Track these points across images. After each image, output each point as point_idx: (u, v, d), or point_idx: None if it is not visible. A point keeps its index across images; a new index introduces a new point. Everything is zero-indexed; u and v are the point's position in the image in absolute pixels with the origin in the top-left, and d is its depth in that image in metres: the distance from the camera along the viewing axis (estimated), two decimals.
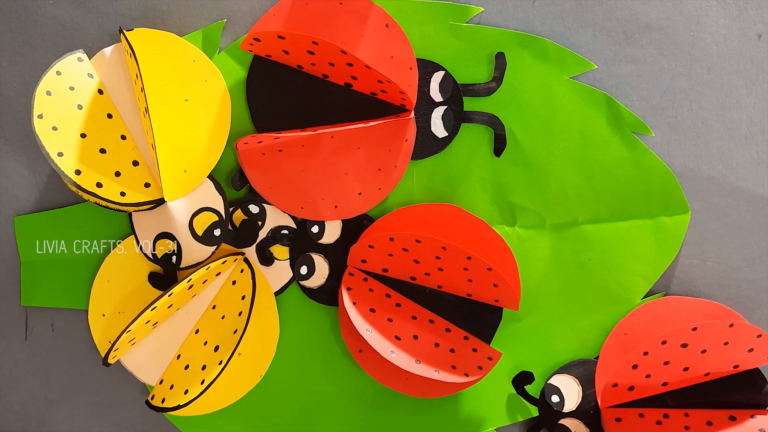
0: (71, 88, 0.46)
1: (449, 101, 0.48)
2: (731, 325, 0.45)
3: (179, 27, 0.48)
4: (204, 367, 0.46)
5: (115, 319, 0.48)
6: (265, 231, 0.49)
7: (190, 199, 0.47)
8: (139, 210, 0.46)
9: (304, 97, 0.48)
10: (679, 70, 0.49)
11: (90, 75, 0.46)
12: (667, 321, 0.48)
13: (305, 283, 0.49)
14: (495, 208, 0.49)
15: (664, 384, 0.47)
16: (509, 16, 0.48)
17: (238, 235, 0.48)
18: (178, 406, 0.45)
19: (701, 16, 0.48)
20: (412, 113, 0.47)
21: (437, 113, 0.48)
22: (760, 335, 0.46)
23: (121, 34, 0.45)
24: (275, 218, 0.49)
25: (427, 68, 0.48)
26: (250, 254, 0.49)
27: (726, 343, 0.46)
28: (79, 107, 0.46)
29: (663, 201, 0.49)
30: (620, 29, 0.48)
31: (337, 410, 0.50)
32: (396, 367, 0.46)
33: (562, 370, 0.50)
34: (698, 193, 0.49)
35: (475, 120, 0.48)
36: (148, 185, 0.46)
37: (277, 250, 0.49)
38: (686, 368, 0.47)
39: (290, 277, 0.49)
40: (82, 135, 0.45)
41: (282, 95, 0.48)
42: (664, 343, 0.45)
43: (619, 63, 0.49)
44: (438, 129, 0.48)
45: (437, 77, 0.48)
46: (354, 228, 0.49)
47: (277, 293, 0.49)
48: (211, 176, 0.47)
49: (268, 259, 0.49)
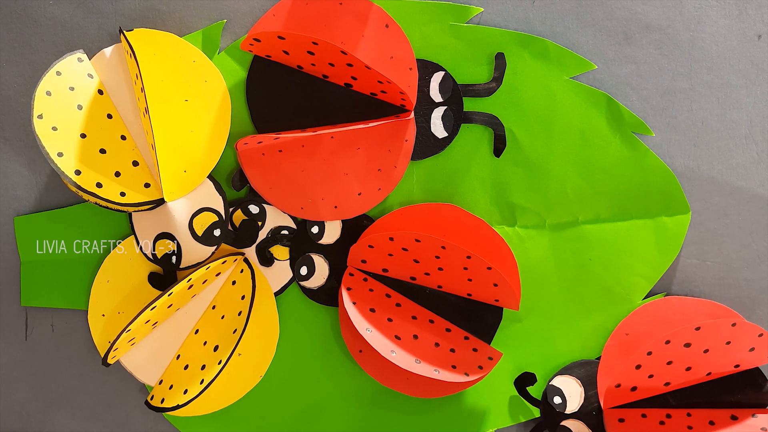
0: (71, 89, 0.46)
1: (449, 101, 0.48)
2: (734, 325, 0.45)
3: (179, 27, 0.48)
4: (203, 367, 0.46)
5: (114, 319, 0.48)
6: (265, 231, 0.49)
7: (190, 200, 0.47)
8: (138, 210, 0.46)
9: (304, 97, 0.48)
10: (679, 70, 0.49)
11: (90, 75, 0.46)
12: (668, 321, 0.48)
13: (305, 283, 0.49)
14: (495, 208, 0.49)
15: (666, 384, 0.47)
16: (509, 17, 0.48)
17: (238, 236, 0.48)
18: (177, 406, 0.45)
19: (701, 16, 0.48)
20: (412, 114, 0.47)
21: (437, 113, 0.48)
22: (761, 334, 0.46)
23: (121, 34, 0.45)
24: (275, 218, 0.49)
25: (427, 68, 0.48)
26: (250, 255, 0.49)
27: (728, 343, 0.46)
28: (79, 107, 0.45)
29: (663, 201, 0.49)
30: (620, 29, 0.48)
31: (337, 411, 0.50)
32: (396, 367, 0.46)
33: (564, 371, 0.49)
34: (698, 193, 0.49)
35: (475, 120, 0.48)
36: (148, 185, 0.46)
37: (277, 250, 0.49)
38: (688, 368, 0.47)
39: (290, 277, 0.49)
40: (82, 135, 0.45)
41: (282, 95, 0.48)
42: (668, 342, 0.45)
43: (619, 63, 0.49)
44: (438, 129, 0.48)
45: (437, 77, 0.48)
46: (354, 228, 0.49)
47: (277, 293, 0.49)
48: (211, 176, 0.47)
49: (268, 260, 0.49)
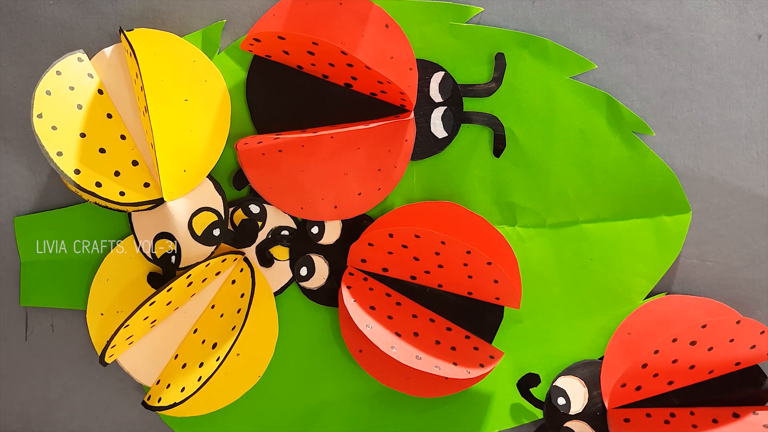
0: (71, 88, 0.46)
1: (449, 102, 0.48)
2: (738, 322, 0.45)
3: (179, 27, 0.48)
4: (201, 365, 0.46)
5: (113, 319, 0.48)
6: (265, 231, 0.49)
7: (190, 199, 0.46)
8: (138, 210, 0.46)
9: (304, 97, 0.48)
10: (679, 70, 0.49)
11: (90, 75, 0.46)
12: (669, 320, 0.48)
13: (305, 284, 0.49)
14: (495, 208, 0.49)
15: (670, 383, 0.47)
16: (509, 17, 0.48)
17: (238, 235, 0.48)
18: (175, 404, 0.45)
19: (701, 16, 0.48)
20: (412, 114, 0.47)
21: (437, 114, 0.48)
22: (763, 332, 0.46)
23: (121, 33, 0.45)
24: (275, 218, 0.49)
25: (426, 69, 0.48)
26: (250, 256, 0.49)
27: (731, 340, 0.46)
28: (78, 107, 0.45)
29: (664, 200, 0.49)
30: (620, 29, 0.48)
31: (337, 412, 0.50)
32: (397, 366, 0.46)
33: (568, 371, 0.49)
34: (698, 193, 0.49)
35: (475, 121, 0.48)
36: (147, 185, 0.45)
37: (277, 250, 0.49)
38: (692, 366, 0.47)
39: (290, 277, 0.49)
40: (82, 135, 0.45)
41: (282, 95, 0.48)
42: (675, 341, 0.45)
43: (619, 63, 0.49)
44: (438, 129, 0.48)
45: (437, 78, 0.48)
46: (354, 228, 0.49)
47: (277, 293, 0.49)
48: (211, 176, 0.47)
49: (268, 261, 0.49)
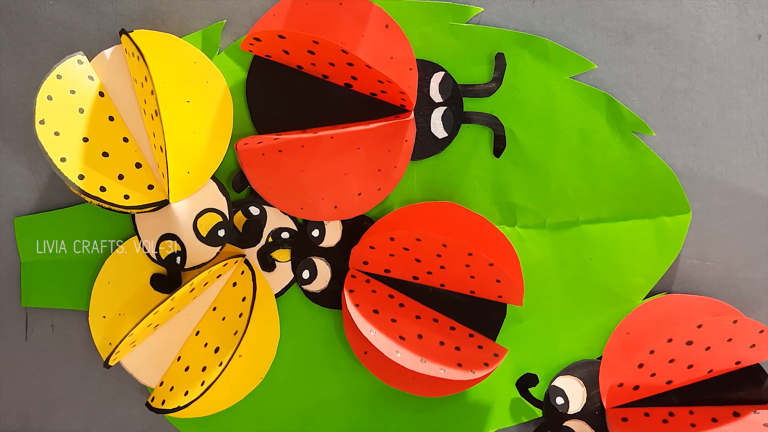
0: (72, 92, 0.45)
1: (449, 102, 0.48)
2: (735, 322, 0.45)
3: (179, 28, 0.48)
4: (204, 369, 0.46)
5: (115, 322, 0.48)
6: (266, 232, 0.49)
7: (194, 201, 0.46)
8: (142, 212, 0.46)
9: (304, 97, 0.48)
10: (679, 70, 0.49)
11: (90, 77, 0.46)
12: (668, 319, 0.48)
13: (308, 287, 0.49)
14: (495, 208, 0.49)
15: (669, 382, 0.47)
16: (509, 17, 0.48)
17: (242, 235, 0.48)
18: (178, 408, 0.45)
19: (701, 16, 0.48)
20: (412, 114, 0.47)
21: (437, 114, 0.48)
22: (762, 331, 0.46)
23: (126, 36, 0.45)
24: (276, 220, 0.49)
25: (426, 69, 0.48)
26: (251, 260, 0.49)
27: (729, 340, 0.46)
28: (80, 111, 0.45)
29: (664, 201, 0.49)
30: (620, 29, 0.48)
31: (338, 412, 0.50)
32: (402, 368, 0.46)
33: (566, 371, 0.50)
34: (698, 193, 0.49)
35: (475, 121, 0.48)
36: (151, 187, 0.45)
37: (278, 251, 0.49)
38: (690, 366, 0.47)
39: (291, 279, 0.49)
40: (85, 139, 0.45)
41: (282, 96, 0.48)
42: (670, 341, 0.45)
43: (619, 63, 0.49)
44: (438, 129, 0.48)
45: (437, 78, 0.48)
46: (354, 230, 0.49)
47: (278, 295, 0.49)
48: (215, 177, 0.47)
49: (269, 265, 0.49)
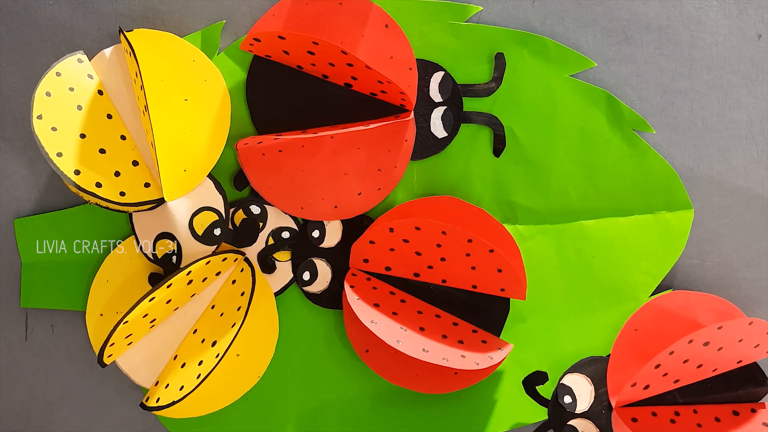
0: (71, 89, 0.46)
1: (449, 101, 0.48)
2: (750, 323, 0.45)
3: (179, 27, 0.48)
4: (200, 363, 0.46)
5: (112, 319, 0.48)
6: (266, 232, 0.49)
7: (190, 199, 0.46)
8: (139, 210, 0.46)
9: (304, 97, 0.48)
10: (679, 70, 0.49)
11: (90, 76, 0.46)
12: (675, 316, 0.48)
13: (308, 288, 0.49)
14: (496, 207, 0.49)
15: (676, 381, 0.47)
16: (509, 17, 0.48)
17: (238, 234, 0.48)
18: (173, 403, 0.45)
19: (701, 16, 0.48)
20: (412, 114, 0.47)
21: (437, 113, 0.48)
22: None
23: (121, 33, 0.45)
24: (276, 219, 0.49)
25: (426, 69, 0.48)
26: (251, 262, 0.49)
27: (740, 341, 0.46)
28: (78, 108, 0.45)
29: (665, 198, 0.49)
30: (620, 29, 0.48)
31: (339, 414, 0.50)
32: (405, 364, 0.45)
33: (574, 368, 0.49)
34: (698, 193, 0.49)
35: (475, 120, 0.48)
36: (147, 185, 0.45)
37: (278, 252, 0.49)
38: (700, 365, 0.46)
39: (290, 278, 0.49)
40: (82, 135, 0.45)
41: (282, 95, 0.48)
42: (691, 342, 0.45)
43: (619, 63, 0.49)
44: (438, 129, 0.48)
45: (437, 77, 0.48)
46: (354, 230, 0.49)
47: (277, 294, 0.49)
48: (211, 176, 0.47)
49: (270, 267, 0.49)
